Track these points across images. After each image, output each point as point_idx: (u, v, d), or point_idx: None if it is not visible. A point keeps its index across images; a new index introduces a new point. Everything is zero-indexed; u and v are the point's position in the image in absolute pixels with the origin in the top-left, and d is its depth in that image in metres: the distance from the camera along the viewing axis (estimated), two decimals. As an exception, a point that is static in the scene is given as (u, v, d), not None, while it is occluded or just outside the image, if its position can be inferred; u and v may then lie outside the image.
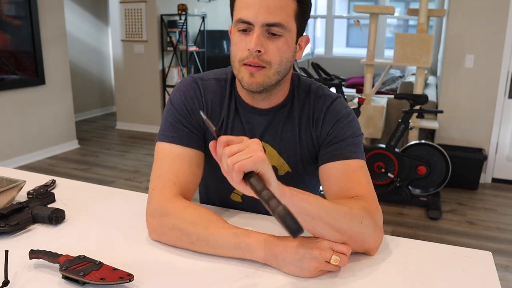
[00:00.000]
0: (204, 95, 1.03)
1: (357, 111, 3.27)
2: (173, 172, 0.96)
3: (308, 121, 1.03)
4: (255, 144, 0.73)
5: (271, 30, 0.89)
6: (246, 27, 0.90)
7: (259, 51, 0.89)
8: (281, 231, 0.96)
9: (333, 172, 0.97)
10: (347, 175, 0.96)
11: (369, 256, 0.89)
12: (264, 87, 0.94)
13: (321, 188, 1.07)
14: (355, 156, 0.97)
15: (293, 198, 0.78)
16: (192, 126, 1.01)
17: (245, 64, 0.92)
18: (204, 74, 1.07)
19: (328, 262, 0.80)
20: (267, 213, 1.10)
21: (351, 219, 0.84)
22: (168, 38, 5.28)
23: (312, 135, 1.03)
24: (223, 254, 0.86)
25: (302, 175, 1.08)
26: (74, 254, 0.84)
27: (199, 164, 1.01)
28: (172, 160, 0.97)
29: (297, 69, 3.46)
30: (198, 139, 1.01)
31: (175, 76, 5.38)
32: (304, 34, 0.99)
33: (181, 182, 0.96)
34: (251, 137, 0.76)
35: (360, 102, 3.26)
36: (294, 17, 0.91)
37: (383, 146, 3.34)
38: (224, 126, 1.05)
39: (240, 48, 0.92)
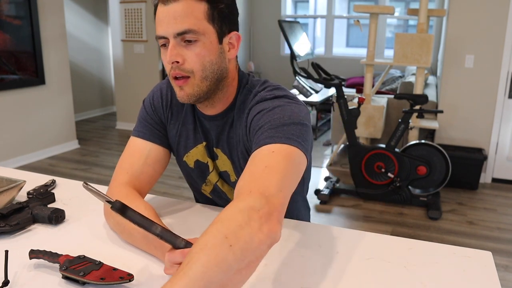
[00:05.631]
0: (170, 94, 1.08)
1: (357, 111, 3.27)
2: (128, 163, 1.04)
3: (246, 124, 0.97)
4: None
5: (185, 38, 0.89)
6: (164, 42, 0.91)
7: (178, 62, 0.90)
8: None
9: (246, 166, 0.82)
10: (254, 163, 0.80)
11: (369, 256, 0.89)
12: (196, 97, 0.93)
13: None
14: (270, 141, 0.83)
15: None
16: (154, 122, 1.08)
17: (173, 78, 0.93)
18: None
19: None
20: None
21: (221, 262, 0.62)
22: (168, 38, 5.28)
23: (248, 137, 0.96)
24: (145, 250, 0.90)
25: None
26: (74, 254, 0.85)
27: (157, 159, 1.06)
28: (132, 153, 1.05)
29: (297, 69, 3.45)
30: (160, 135, 1.08)
31: (175, 76, 5.38)
32: (238, 32, 0.95)
33: (134, 173, 1.02)
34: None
35: (360, 102, 3.26)
36: (207, 19, 0.89)
37: (383, 146, 3.34)
38: (181, 126, 1.08)
39: (165, 62, 0.93)
